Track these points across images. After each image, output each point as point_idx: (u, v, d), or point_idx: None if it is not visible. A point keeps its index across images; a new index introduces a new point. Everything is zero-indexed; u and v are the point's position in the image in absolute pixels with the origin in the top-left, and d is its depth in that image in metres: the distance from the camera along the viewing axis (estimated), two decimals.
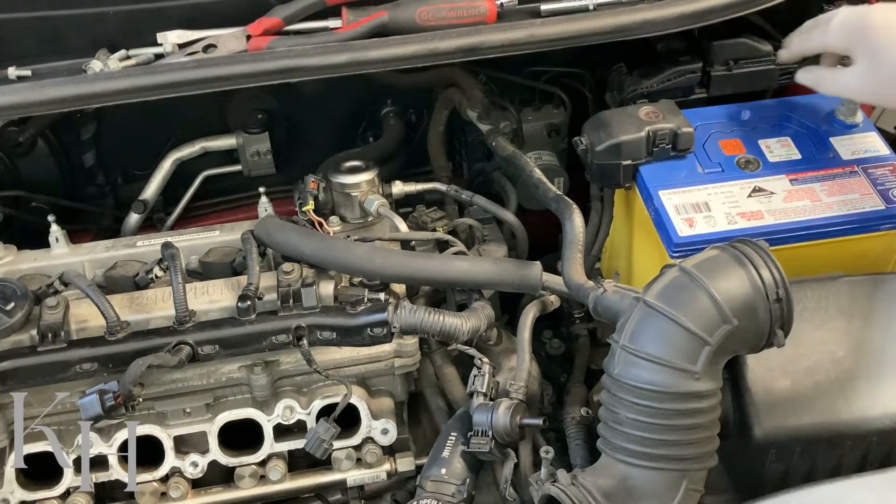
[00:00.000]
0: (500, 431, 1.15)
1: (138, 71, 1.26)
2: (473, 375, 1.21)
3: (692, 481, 1.00)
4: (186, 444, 1.30)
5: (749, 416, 1.12)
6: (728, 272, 1.00)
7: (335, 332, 1.24)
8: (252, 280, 1.23)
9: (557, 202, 1.31)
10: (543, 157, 1.61)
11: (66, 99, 1.19)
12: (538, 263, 1.27)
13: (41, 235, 1.36)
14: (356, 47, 1.23)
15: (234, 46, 1.28)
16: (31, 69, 1.30)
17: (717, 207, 1.24)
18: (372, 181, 1.43)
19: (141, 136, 1.68)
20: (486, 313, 1.28)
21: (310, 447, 1.24)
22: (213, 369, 1.27)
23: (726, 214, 1.23)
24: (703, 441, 1.00)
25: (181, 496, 1.29)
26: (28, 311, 1.22)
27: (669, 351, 0.98)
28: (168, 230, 1.65)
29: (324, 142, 1.72)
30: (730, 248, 1.02)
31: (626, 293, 1.08)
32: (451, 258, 1.31)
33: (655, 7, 1.26)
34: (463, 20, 1.29)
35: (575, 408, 1.31)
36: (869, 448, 1.13)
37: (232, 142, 1.68)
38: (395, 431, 1.31)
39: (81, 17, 1.31)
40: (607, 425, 1.03)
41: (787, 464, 1.13)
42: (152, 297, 1.27)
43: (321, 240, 1.28)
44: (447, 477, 1.15)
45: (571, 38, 1.25)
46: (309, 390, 1.32)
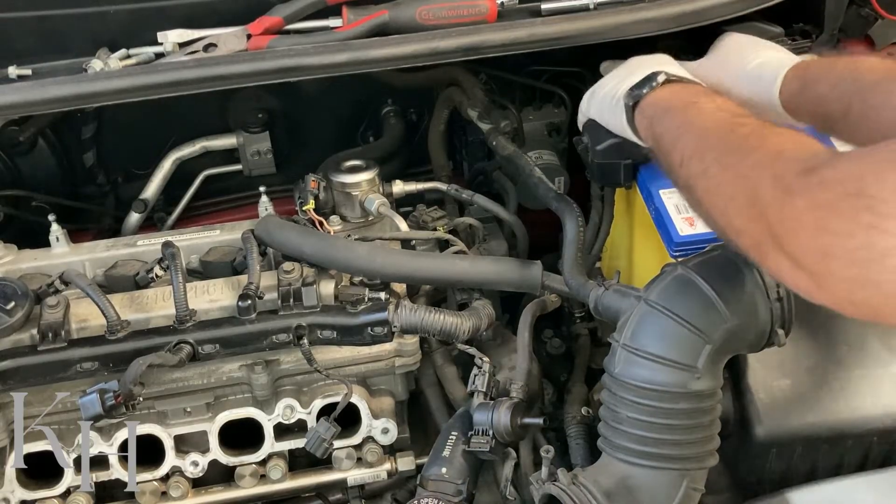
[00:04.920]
0: (501, 431, 1.15)
1: (139, 70, 1.25)
2: (474, 375, 1.21)
3: (693, 480, 1.00)
4: (187, 443, 1.30)
5: (750, 415, 1.12)
6: (729, 271, 1.00)
7: (336, 331, 1.24)
8: (252, 279, 1.23)
9: (557, 202, 1.31)
10: (544, 157, 1.61)
11: (67, 98, 1.19)
12: (538, 263, 1.27)
13: (42, 235, 1.36)
14: (357, 46, 1.23)
15: (234, 45, 1.27)
16: (32, 68, 1.30)
17: None
18: (372, 180, 1.43)
19: (141, 136, 1.68)
20: (487, 312, 1.29)
21: (310, 446, 1.24)
22: (214, 368, 1.27)
23: None
24: (703, 440, 1.00)
25: (181, 495, 1.29)
26: (28, 310, 1.22)
27: (670, 350, 0.98)
28: (168, 229, 1.65)
29: (324, 141, 1.72)
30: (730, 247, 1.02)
31: (627, 292, 1.08)
32: (452, 257, 1.31)
33: (656, 6, 1.26)
34: (463, 19, 1.28)
35: (575, 407, 1.31)
36: (870, 447, 1.13)
37: (232, 141, 1.68)
38: (396, 431, 1.31)
39: (82, 17, 1.31)
40: (608, 424, 1.03)
41: (787, 463, 1.14)
42: (153, 297, 1.27)
43: (322, 239, 1.28)
44: (448, 476, 1.15)
45: (572, 37, 1.25)
46: (309, 389, 1.32)
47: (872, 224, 0.72)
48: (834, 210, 0.75)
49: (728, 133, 0.92)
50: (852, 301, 0.77)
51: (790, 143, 0.85)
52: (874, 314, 0.78)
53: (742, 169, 0.86)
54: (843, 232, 0.74)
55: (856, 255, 0.73)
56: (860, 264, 0.73)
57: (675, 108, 1.04)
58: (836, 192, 0.75)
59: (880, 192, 0.72)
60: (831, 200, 0.75)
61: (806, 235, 0.77)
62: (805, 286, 0.80)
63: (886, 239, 0.71)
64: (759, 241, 0.83)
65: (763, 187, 0.81)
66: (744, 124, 0.91)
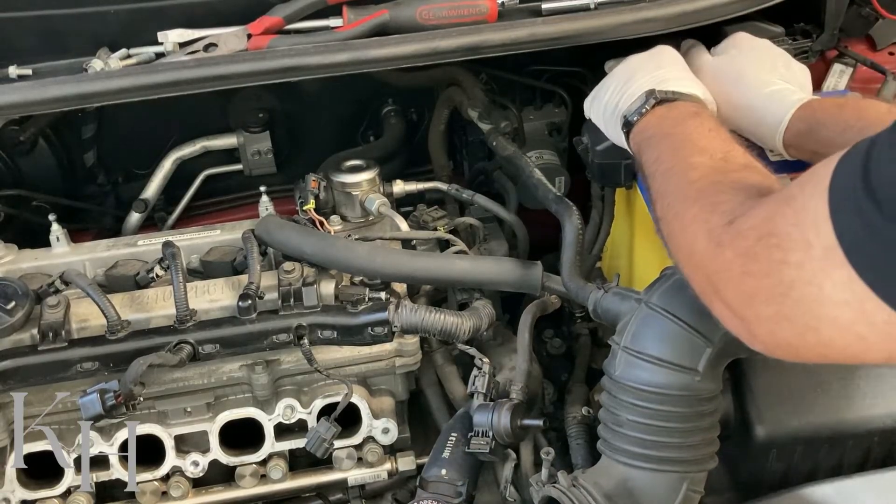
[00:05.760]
0: (501, 432, 1.15)
1: (139, 70, 1.25)
2: (474, 375, 1.21)
3: (693, 483, 1.00)
4: (187, 443, 1.30)
5: (750, 415, 1.13)
6: None
7: (336, 331, 1.24)
8: (253, 279, 1.23)
9: (557, 204, 1.31)
10: (544, 157, 1.61)
11: (67, 98, 1.19)
12: (538, 263, 1.27)
13: (42, 234, 1.36)
14: (357, 46, 1.23)
15: (234, 45, 1.27)
16: (32, 68, 1.30)
17: None
18: (373, 180, 1.42)
19: (142, 136, 1.68)
20: (487, 313, 1.28)
21: (311, 446, 1.24)
22: (214, 368, 1.27)
23: None
24: (703, 443, 1.00)
25: (182, 495, 1.29)
26: (29, 310, 1.22)
27: (671, 352, 0.98)
28: (169, 229, 1.65)
29: (325, 141, 1.72)
30: None
31: (627, 295, 1.08)
32: (452, 257, 1.31)
33: (656, 6, 1.26)
34: (464, 19, 1.28)
35: (576, 407, 1.31)
36: (870, 448, 1.13)
37: (233, 141, 1.68)
38: (396, 431, 1.31)
39: (82, 16, 1.31)
40: (608, 427, 1.03)
41: (788, 463, 1.14)
42: (153, 297, 1.27)
43: (322, 239, 1.28)
44: (447, 477, 1.15)
45: (572, 37, 1.25)
46: (310, 389, 1.32)
47: (782, 260, 0.75)
48: (751, 255, 0.78)
49: (683, 175, 0.96)
50: (776, 342, 0.81)
51: (729, 192, 0.89)
52: (795, 353, 0.81)
53: (685, 221, 0.91)
54: (761, 273, 0.77)
55: (772, 293, 0.76)
56: (776, 301, 0.76)
57: (656, 137, 1.08)
58: (752, 238, 0.79)
59: (784, 228, 0.75)
60: (750, 247, 0.79)
61: (734, 283, 0.81)
62: (741, 332, 0.84)
63: (791, 271, 0.74)
64: (702, 290, 0.88)
65: (699, 241, 0.86)
66: (699, 166, 0.96)
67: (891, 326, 0.69)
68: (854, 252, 0.69)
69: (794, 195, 0.75)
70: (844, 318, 0.72)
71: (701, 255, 0.86)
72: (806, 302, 0.74)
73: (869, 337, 0.71)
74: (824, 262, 0.71)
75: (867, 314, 0.70)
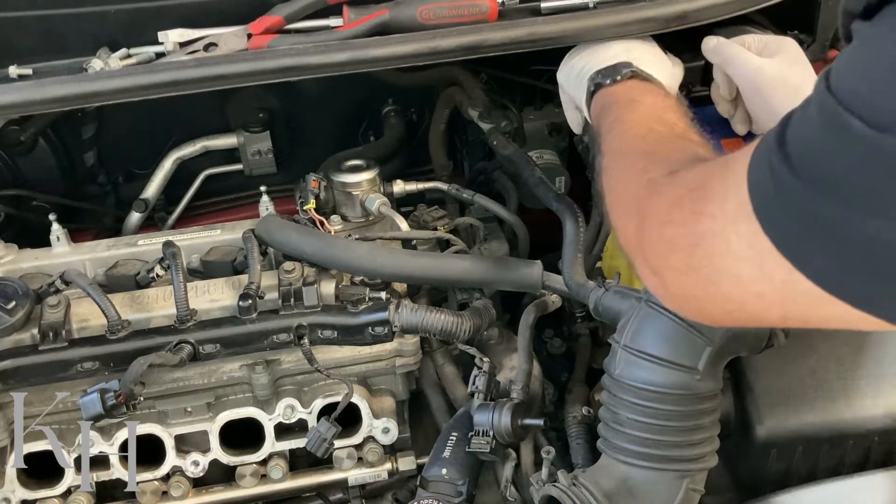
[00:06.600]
0: (501, 432, 1.15)
1: (139, 70, 1.25)
2: (474, 375, 1.21)
3: (693, 482, 1.00)
4: (187, 443, 1.30)
5: (750, 415, 1.13)
6: None
7: (336, 330, 1.24)
8: (253, 279, 1.23)
9: (557, 202, 1.31)
10: (545, 156, 1.61)
11: (68, 97, 1.19)
12: (538, 262, 1.27)
13: (42, 234, 1.36)
14: (357, 46, 1.23)
15: (235, 45, 1.27)
16: (32, 68, 1.30)
17: None
18: (373, 180, 1.42)
19: (142, 135, 1.68)
20: (488, 312, 1.28)
21: (311, 446, 1.24)
22: (215, 368, 1.27)
23: None
24: (703, 442, 1.00)
25: (182, 495, 1.29)
26: (29, 309, 1.22)
27: (671, 351, 0.98)
28: (169, 229, 1.65)
29: (325, 141, 1.72)
30: None
31: (628, 294, 1.08)
32: (452, 257, 1.31)
33: (656, 5, 1.26)
34: (464, 18, 1.28)
35: (576, 407, 1.31)
36: (870, 447, 1.13)
37: (233, 141, 1.68)
38: (396, 430, 1.31)
39: (82, 16, 1.31)
40: (608, 426, 1.03)
41: (788, 463, 1.14)
42: (153, 296, 1.27)
43: (322, 239, 1.28)
44: (448, 477, 1.15)
45: (572, 36, 1.25)
46: (310, 389, 1.31)
47: (700, 210, 0.74)
48: (678, 203, 0.78)
49: (640, 137, 0.96)
50: (684, 295, 0.80)
51: (681, 152, 0.89)
52: (699, 307, 0.80)
53: (632, 171, 0.91)
54: (680, 221, 0.77)
55: (685, 242, 0.76)
56: (687, 251, 0.76)
57: (622, 102, 1.08)
58: (684, 188, 0.78)
59: (711, 182, 0.75)
60: (680, 196, 0.78)
61: (657, 231, 0.81)
62: (656, 286, 0.84)
63: (706, 222, 0.73)
64: (628, 242, 0.87)
65: (639, 189, 0.86)
66: (658, 131, 0.96)
67: (789, 286, 0.68)
68: (761, 207, 0.68)
69: (735, 157, 0.75)
70: (745, 273, 0.71)
71: (637, 201, 0.85)
72: (712, 254, 0.73)
73: (767, 295, 0.70)
74: (735, 216, 0.70)
75: (766, 270, 0.69)
